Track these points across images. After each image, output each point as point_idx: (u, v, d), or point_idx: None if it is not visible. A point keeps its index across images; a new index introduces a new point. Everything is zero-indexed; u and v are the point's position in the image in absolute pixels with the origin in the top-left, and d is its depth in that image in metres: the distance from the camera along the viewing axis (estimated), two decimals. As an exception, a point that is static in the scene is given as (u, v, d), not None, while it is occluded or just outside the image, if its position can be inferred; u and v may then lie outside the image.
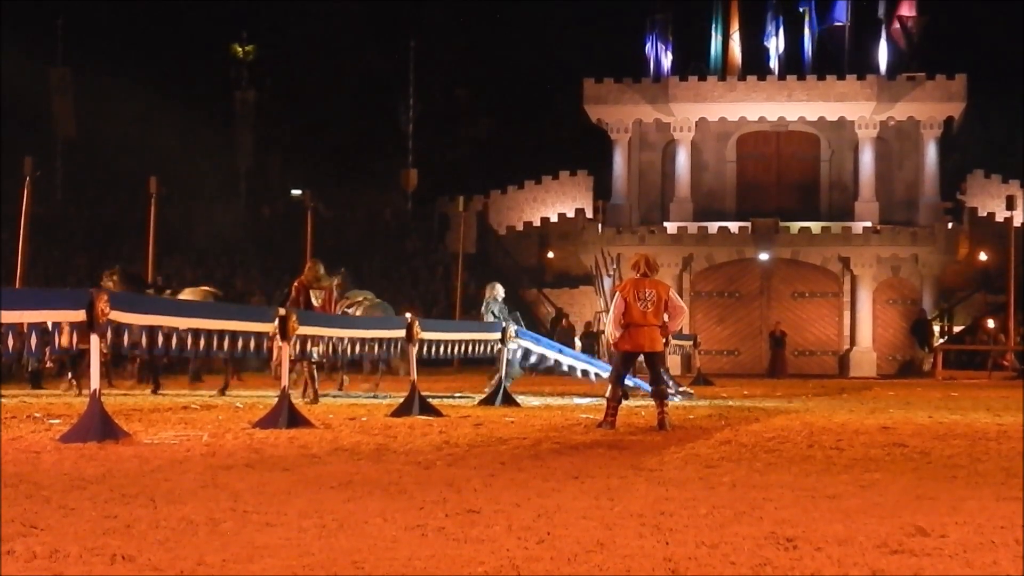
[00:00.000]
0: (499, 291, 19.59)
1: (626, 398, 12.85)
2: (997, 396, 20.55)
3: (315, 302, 17.03)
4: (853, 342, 43.83)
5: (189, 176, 50.31)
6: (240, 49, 55.76)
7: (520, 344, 17.37)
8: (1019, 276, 35.84)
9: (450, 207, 46.73)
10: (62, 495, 6.23)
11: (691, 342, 30.12)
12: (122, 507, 5.83)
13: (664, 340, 12.30)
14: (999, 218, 43.43)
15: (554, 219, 48.53)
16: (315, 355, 14.61)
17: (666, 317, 12.04)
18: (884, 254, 43.97)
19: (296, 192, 51.00)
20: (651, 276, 12.07)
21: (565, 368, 18.55)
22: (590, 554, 4.75)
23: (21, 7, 49.92)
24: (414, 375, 14.10)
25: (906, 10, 47.30)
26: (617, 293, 12.16)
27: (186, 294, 19.17)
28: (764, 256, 43.90)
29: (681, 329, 32.71)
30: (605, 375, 17.45)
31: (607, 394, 12.10)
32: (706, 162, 47.17)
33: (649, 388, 18.00)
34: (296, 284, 17.51)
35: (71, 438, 9.38)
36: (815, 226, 44.74)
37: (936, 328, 43.35)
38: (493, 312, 19.25)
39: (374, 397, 17.73)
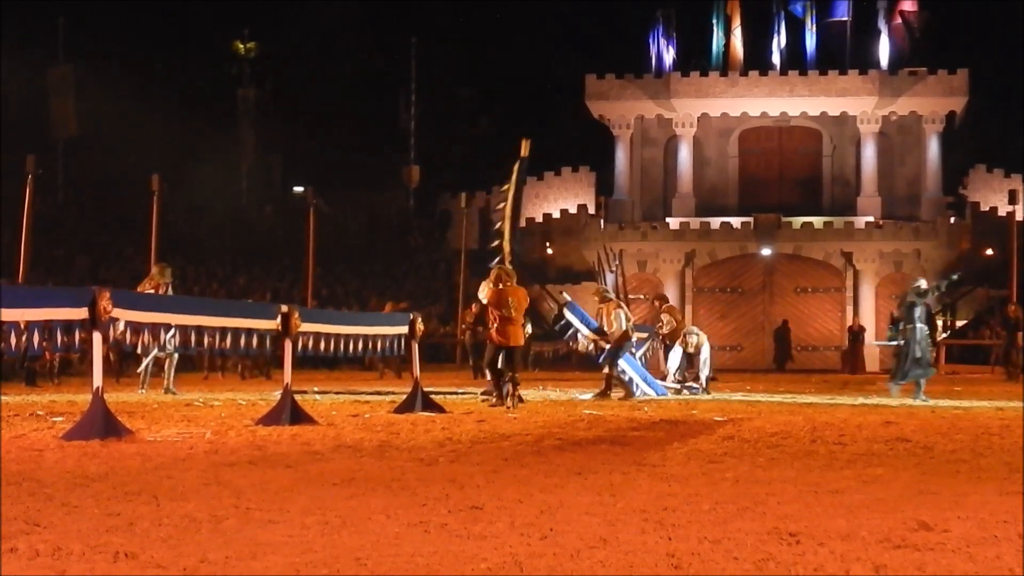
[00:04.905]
0: (921, 284, 17.94)
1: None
2: (1000, 390, 20.53)
3: None
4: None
5: (191, 174, 50.29)
6: (242, 46, 55.73)
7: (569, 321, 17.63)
8: (1021, 271, 35.77)
9: (452, 203, 46.73)
10: (65, 493, 6.23)
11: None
12: (125, 505, 5.83)
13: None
14: (1001, 213, 43.40)
15: (556, 215, 48.50)
16: (169, 347, 14.55)
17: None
18: (887, 249, 43.95)
19: (298, 189, 51.03)
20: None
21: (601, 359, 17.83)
22: (593, 550, 4.74)
23: (22, 6, 49.86)
24: (417, 372, 14.08)
25: (908, 5, 47.28)
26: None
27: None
28: (766, 251, 43.88)
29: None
30: (649, 391, 17.64)
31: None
32: (708, 158, 47.17)
33: (661, 390, 18.23)
34: (138, 288, 17.43)
35: (74, 436, 9.38)
36: (817, 221, 44.72)
37: (939, 322, 43.26)
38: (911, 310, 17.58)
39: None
